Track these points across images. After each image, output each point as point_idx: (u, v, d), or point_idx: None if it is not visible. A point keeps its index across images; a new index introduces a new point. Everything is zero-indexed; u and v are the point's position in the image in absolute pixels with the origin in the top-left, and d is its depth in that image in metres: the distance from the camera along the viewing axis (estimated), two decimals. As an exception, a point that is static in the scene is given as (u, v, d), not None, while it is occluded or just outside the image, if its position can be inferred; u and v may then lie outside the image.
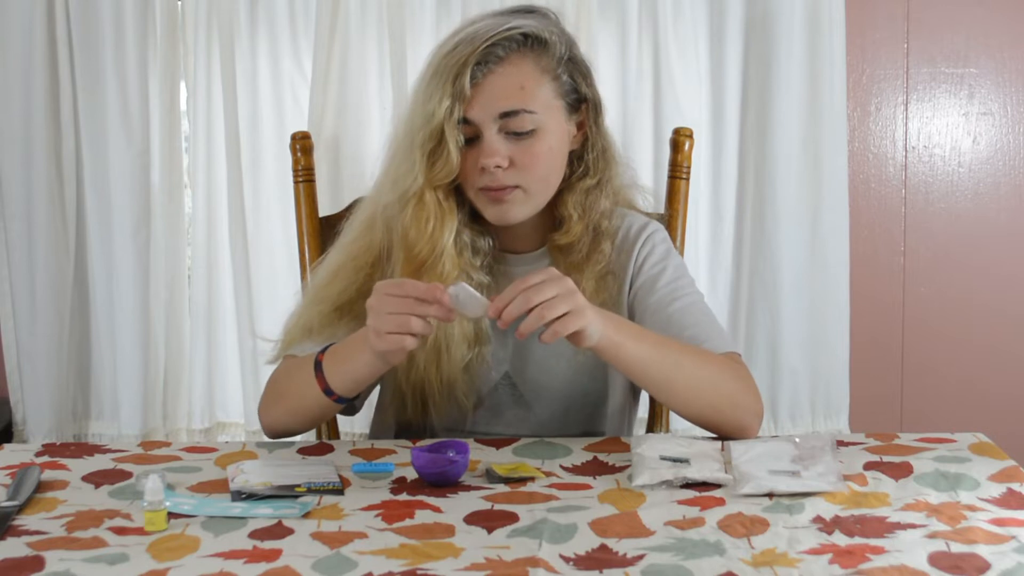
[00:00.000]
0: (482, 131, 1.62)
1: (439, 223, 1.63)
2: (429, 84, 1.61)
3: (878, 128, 2.75)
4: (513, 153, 1.62)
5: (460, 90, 1.59)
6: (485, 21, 1.64)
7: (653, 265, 1.73)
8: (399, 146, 1.66)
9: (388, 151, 1.71)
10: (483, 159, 1.61)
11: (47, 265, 2.62)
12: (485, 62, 1.60)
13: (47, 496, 1.42)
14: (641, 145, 2.61)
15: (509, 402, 1.72)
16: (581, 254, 1.70)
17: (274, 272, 2.63)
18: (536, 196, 1.67)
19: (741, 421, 1.57)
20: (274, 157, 2.63)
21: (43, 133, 2.59)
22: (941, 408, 2.79)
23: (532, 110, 1.62)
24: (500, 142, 1.62)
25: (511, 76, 1.61)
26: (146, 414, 2.67)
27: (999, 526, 1.26)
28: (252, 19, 2.62)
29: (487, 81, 1.60)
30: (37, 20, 2.56)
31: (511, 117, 1.61)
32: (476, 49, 1.59)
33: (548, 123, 1.64)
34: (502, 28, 1.61)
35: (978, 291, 2.77)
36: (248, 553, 1.23)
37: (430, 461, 1.44)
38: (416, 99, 1.64)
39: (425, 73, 1.64)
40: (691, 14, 2.60)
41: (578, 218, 1.69)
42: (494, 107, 1.61)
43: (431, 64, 1.63)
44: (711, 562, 1.19)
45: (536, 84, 1.63)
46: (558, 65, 1.65)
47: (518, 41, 1.62)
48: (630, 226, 1.76)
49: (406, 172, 1.63)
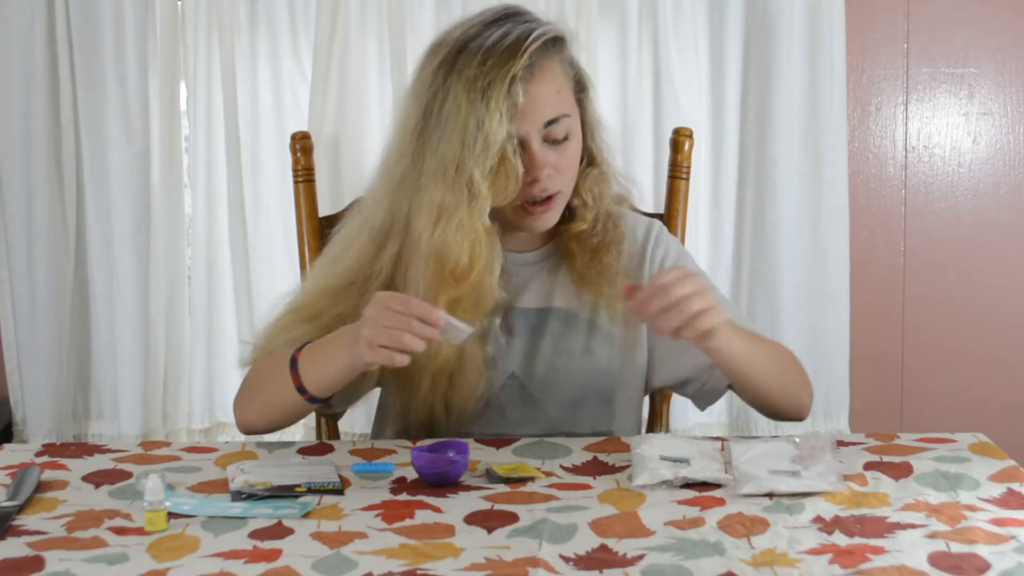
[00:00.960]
0: (527, 142, 1.58)
1: (491, 251, 1.60)
2: (469, 105, 1.53)
3: (878, 128, 2.75)
4: (556, 159, 1.61)
5: (513, 105, 1.54)
6: (499, 29, 1.58)
7: (673, 264, 1.74)
8: (432, 178, 1.56)
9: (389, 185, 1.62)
10: (535, 171, 1.58)
11: (47, 265, 2.62)
12: (523, 74, 1.56)
13: (47, 496, 1.41)
14: (641, 145, 2.61)
15: (517, 402, 1.71)
16: (602, 238, 1.69)
17: (274, 272, 2.63)
18: (567, 195, 1.67)
19: (803, 405, 1.70)
20: (274, 157, 2.63)
21: (43, 133, 2.59)
22: (941, 408, 2.79)
23: (568, 113, 1.61)
24: (544, 151, 1.60)
25: (548, 83, 1.59)
26: (146, 414, 2.67)
27: (999, 526, 1.26)
28: (252, 19, 2.62)
29: (532, 89, 1.57)
30: (37, 20, 2.56)
31: (553, 125, 1.60)
32: (518, 60, 1.54)
33: (575, 123, 1.64)
34: (534, 35, 1.57)
35: (978, 291, 2.77)
36: (248, 553, 1.23)
37: (430, 461, 1.44)
38: (449, 124, 1.55)
39: (445, 96, 1.55)
40: (691, 14, 2.60)
41: (592, 205, 1.69)
42: (540, 118, 1.59)
43: (454, 84, 1.54)
44: (711, 562, 1.19)
45: (565, 85, 1.63)
46: (573, 63, 1.66)
47: (546, 44, 1.59)
48: (634, 226, 1.76)
49: (463, 202, 1.55)
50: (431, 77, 1.58)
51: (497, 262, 1.61)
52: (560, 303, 1.72)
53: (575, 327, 1.71)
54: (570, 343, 1.71)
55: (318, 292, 1.67)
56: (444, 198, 1.56)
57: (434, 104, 1.57)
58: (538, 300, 1.72)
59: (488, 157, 1.54)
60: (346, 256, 1.66)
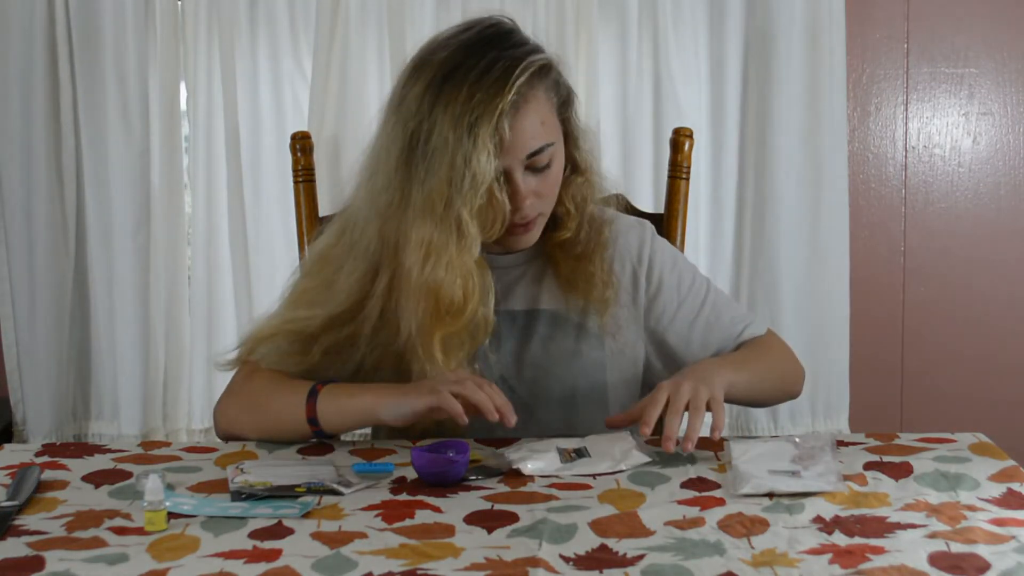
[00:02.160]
0: (510, 173, 1.57)
1: (483, 283, 1.59)
2: (456, 141, 1.51)
3: (878, 128, 2.75)
4: (538, 187, 1.60)
5: (500, 141, 1.53)
6: (485, 56, 1.54)
7: (669, 272, 1.74)
8: (420, 213, 1.54)
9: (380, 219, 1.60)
10: (518, 202, 1.58)
11: (47, 265, 2.62)
12: (513, 107, 1.54)
13: (47, 496, 1.41)
14: (641, 145, 2.61)
15: None
16: (587, 245, 1.69)
17: (274, 272, 2.63)
18: (548, 215, 1.67)
19: (796, 388, 1.81)
20: (274, 157, 2.63)
21: (43, 133, 2.59)
22: (941, 408, 2.79)
23: (551, 142, 1.60)
24: (527, 180, 1.59)
25: (533, 114, 1.57)
26: (146, 414, 2.67)
27: (999, 526, 1.26)
28: (252, 19, 2.62)
29: (517, 124, 1.55)
30: (37, 20, 2.56)
31: (536, 155, 1.58)
32: (505, 95, 1.52)
33: (558, 147, 1.62)
34: (521, 67, 1.54)
35: (978, 291, 2.77)
36: (248, 553, 1.23)
37: (430, 461, 1.44)
38: (436, 160, 1.52)
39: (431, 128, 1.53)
40: (691, 14, 2.60)
41: (575, 212, 1.68)
42: (524, 150, 1.57)
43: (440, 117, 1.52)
44: (711, 562, 1.19)
45: (550, 114, 1.60)
46: (554, 86, 1.62)
47: (532, 75, 1.56)
48: (627, 233, 1.75)
49: (453, 240, 1.54)
50: (416, 103, 1.55)
51: (490, 293, 1.61)
52: (547, 305, 1.71)
53: (563, 329, 1.71)
54: (559, 345, 1.70)
55: (314, 317, 1.64)
56: (433, 236, 1.54)
57: (420, 133, 1.54)
58: (525, 302, 1.71)
59: (476, 196, 1.52)
60: (340, 281, 1.64)
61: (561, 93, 1.63)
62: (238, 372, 1.72)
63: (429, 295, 1.55)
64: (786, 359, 1.79)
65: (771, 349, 1.77)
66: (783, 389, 1.79)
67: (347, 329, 1.63)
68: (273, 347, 1.66)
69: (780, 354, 1.78)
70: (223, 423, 1.69)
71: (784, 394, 1.81)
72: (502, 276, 1.71)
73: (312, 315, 1.64)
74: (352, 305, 1.63)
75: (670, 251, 1.78)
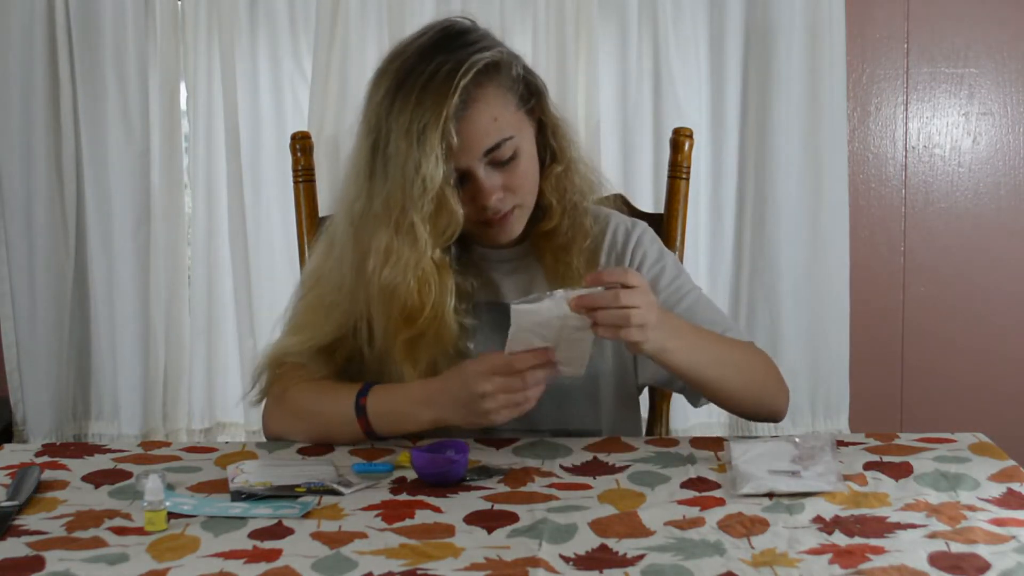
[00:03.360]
0: (472, 172, 1.59)
1: (441, 288, 1.61)
2: (408, 147, 1.54)
3: (878, 128, 2.75)
4: (503, 181, 1.61)
5: (448, 146, 1.55)
6: (432, 61, 1.57)
7: (650, 268, 1.72)
8: (379, 221, 1.58)
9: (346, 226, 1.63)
10: (483, 199, 1.60)
11: (47, 265, 2.62)
12: (455, 112, 1.55)
13: (47, 496, 1.41)
14: (641, 145, 2.61)
15: None
16: (567, 236, 1.69)
17: (274, 272, 2.63)
18: (529, 205, 1.67)
19: (778, 405, 1.68)
20: (274, 157, 2.63)
21: (43, 133, 2.59)
22: (941, 408, 2.79)
23: (509, 136, 1.60)
24: (491, 176, 1.60)
25: (483, 113, 1.58)
26: (146, 414, 2.67)
27: (999, 526, 1.26)
28: (252, 19, 2.62)
29: (465, 126, 1.57)
30: (37, 20, 2.56)
31: (494, 151, 1.60)
32: (449, 100, 1.54)
33: (522, 140, 1.63)
34: (463, 68, 1.55)
35: (978, 291, 2.77)
36: (248, 553, 1.23)
37: (430, 461, 1.44)
38: (389, 164, 1.56)
39: (387, 133, 1.56)
40: (691, 14, 2.60)
41: (557, 203, 1.69)
42: (478, 148, 1.59)
43: (395, 126, 1.55)
44: (711, 562, 1.19)
45: (504, 109, 1.61)
46: (511, 80, 1.62)
47: (479, 74, 1.57)
48: (616, 228, 1.75)
49: (407, 245, 1.57)
50: (375, 113, 1.59)
51: (450, 296, 1.62)
52: None
53: None
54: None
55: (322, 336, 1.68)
56: (390, 241, 1.57)
57: (380, 143, 1.58)
58: (519, 293, 1.71)
59: (426, 202, 1.55)
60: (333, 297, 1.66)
61: (519, 87, 1.63)
62: (276, 386, 1.71)
63: (385, 299, 1.59)
64: (762, 369, 1.68)
65: (745, 353, 1.68)
66: (750, 395, 1.67)
67: (354, 342, 1.67)
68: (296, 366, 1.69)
69: (759, 364, 1.68)
70: (274, 432, 1.69)
71: (752, 401, 1.68)
72: (496, 269, 1.72)
73: (316, 334, 1.67)
74: (348, 319, 1.66)
75: (657, 250, 1.76)
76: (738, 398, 1.67)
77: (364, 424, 1.60)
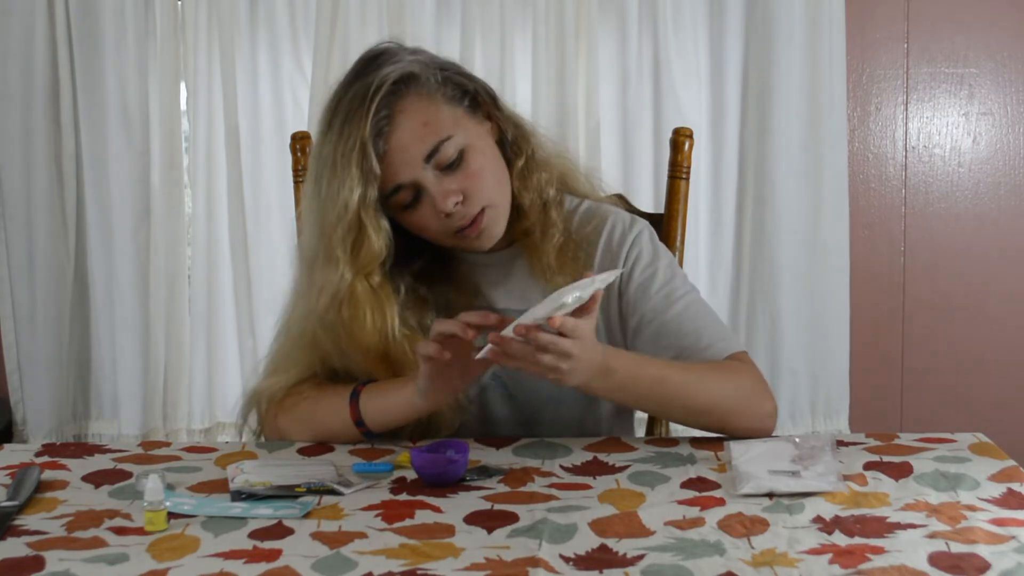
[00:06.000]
0: (421, 182, 1.58)
1: (379, 311, 1.59)
2: (331, 177, 1.55)
3: (878, 128, 2.75)
4: (458, 184, 1.59)
5: (369, 170, 1.54)
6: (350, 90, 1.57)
7: (643, 270, 1.69)
8: (315, 254, 1.59)
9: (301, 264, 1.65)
10: (439, 205, 1.58)
11: (47, 265, 2.62)
12: (380, 130, 1.55)
13: (47, 496, 1.41)
14: (641, 145, 2.61)
15: (500, 401, 1.71)
16: (537, 232, 1.68)
17: (274, 272, 2.63)
18: (501, 205, 1.64)
19: (752, 427, 1.59)
20: (274, 157, 2.63)
21: (43, 133, 2.59)
22: (941, 408, 2.79)
23: (446, 136, 1.58)
24: (442, 181, 1.58)
25: (409, 121, 1.56)
26: (146, 414, 2.67)
27: (999, 526, 1.26)
28: (252, 19, 2.62)
29: (393, 141, 1.56)
30: (37, 20, 2.56)
31: (435, 155, 1.58)
32: (364, 122, 1.54)
33: (467, 138, 1.60)
34: (373, 87, 1.55)
35: (978, 291, 2.77)
36: (248, 553, 1.23)
37: (430, 461, 1.44)
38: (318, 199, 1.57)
39: (319, 170, 1.57)
40: (691, 14, 2.60)
41: (529, 201, 1.68)
42: (416, 157, 1.57)
43: (322, 159, 1.57)
44: (711, 562, 1.19)
45: (433, 112, 1.59)
46: (435, 83, 1.60)
47: (395, 87, 1.56)
48: (614, 225, 1.72)
49: (331, 273, 1.57)
50: (313, 152, 1.61)
51: (390, 318, 1.60)
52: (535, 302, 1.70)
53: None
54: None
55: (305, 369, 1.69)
56: (321, 272, 1.58)
57: (317, 175, 1.59)
58: (513, 299, 1.70)
59: (343, 227, 1.55)
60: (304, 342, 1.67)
61: (446, 89, 1.61)
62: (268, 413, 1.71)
63: (327, 331, 1.61)
64: (739, 390, 1.60)
65: (719, 375, 1.61)
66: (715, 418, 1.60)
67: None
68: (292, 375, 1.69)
69: (731, 381, 1.60)
70: (273, 435, 1.70)
71: (716, 425, 1.60)
72: (487, 274, 1.71)
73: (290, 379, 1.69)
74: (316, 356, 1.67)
75: (652, 251, 1.72)
76: (694, 426, 1.62)
77: (360, 425, 1.61)
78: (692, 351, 1.63)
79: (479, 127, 1.63)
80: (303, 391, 1.68)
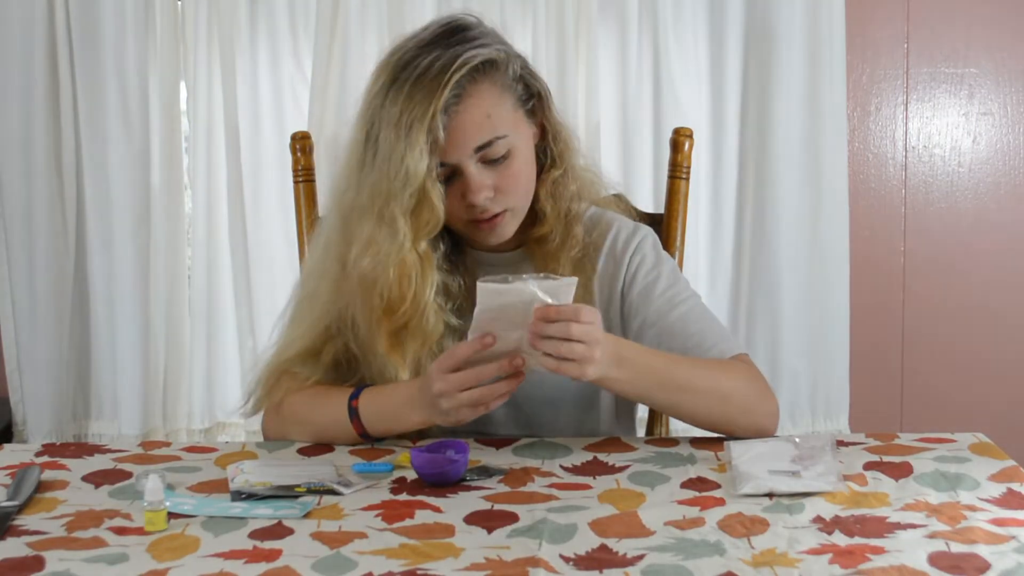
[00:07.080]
0: (462, 168, 1.59)
1: (422, 281, 1.60)
2: (395, 139, 1.54)
3: (878, 128, 2.75)
4: (495, 180, 1.60)
5: (434, 140, 1.55)
6: (429, 55, 1.57)
7: (646, 274, 1.70)
8: (364, 211, 1.58)
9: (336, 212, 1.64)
10: (471, 196, 1.59)
11: (47, 265, 2.62)
12: (447, 106, 1.55)
13: (47, 496, 1.41)
14: (641, 145, 2.61)
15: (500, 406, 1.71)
16: (555, 242, 1.69)
17: (274, 272, 2.63)
18: (522, 209, 1.66)
19: (757, 425, 1.59)
20: (274, 157, 2.63)
21: (43, 133, 2.59)
22: (941, 407, 2.79)
23: (503, 135, 1.59)
24: (481, 174, 1.59)
25: (476, 108, 1.57)
26: (146, 414, 2.67)
27: (999, 526, 1.26)
28: (252, 19, 2.62)
29: (455, 121, 1.56)
30: (37, 20, 2.56)
31: (486, 148, 1.59)
32: (439, 95, 1.54)
33: (518, 139, 1.62)
34: (456, 64, 1.55)
35: (978, 291, 2.77)
36: (248, 553, 1.23)
37: (430, 461, 1.44)
38: (375, 154, 1.57)
39: (377, 124, 1.57)
40: (691, 14, 2.60)
41: (551, 209, 1.68)
42: (468, 144, 1.58)
43: (384, 115, 1.56)
44: (711, 562, 1.19)
45: (499, 107, 1.60)
46: (510, 78, 1.62)
47: (474, 70, 1.57)
48: (618, 232, 1.73)
49: (387, 236, 1.57)
50: (370, 106, 1.60)
51: (431, 289, 1.61)
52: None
53: None
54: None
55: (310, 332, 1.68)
56: (372, 232, 1.58)
57: (371, 135, 1.58)
58: None
59: (407, 195, 1.55)
60: (321, 289, 1.67)
61: (519, 88, 1.63)
62: (271, 398, 1.71)
63: (366, 288, 1.59)
64: (740, 392, 1.60)
65: (725, 373, 1.61)
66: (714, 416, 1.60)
67: (342, 337, 1.66)
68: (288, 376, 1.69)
69: (737, 381, 1.61)
70: (271, 437, 1.70)
71: (724, 421, 1.60)
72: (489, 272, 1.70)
73: (305, 331, 1.68)
74: (332, 308, 1.66)
75: (655, 257, 1.73)
76: (700, 422, 1.61)
77: (358, 427, 1.60)
78: (695, 353, 1.64)
79: (528, 130, 1.65)
80: (297, 397, 1.67)
